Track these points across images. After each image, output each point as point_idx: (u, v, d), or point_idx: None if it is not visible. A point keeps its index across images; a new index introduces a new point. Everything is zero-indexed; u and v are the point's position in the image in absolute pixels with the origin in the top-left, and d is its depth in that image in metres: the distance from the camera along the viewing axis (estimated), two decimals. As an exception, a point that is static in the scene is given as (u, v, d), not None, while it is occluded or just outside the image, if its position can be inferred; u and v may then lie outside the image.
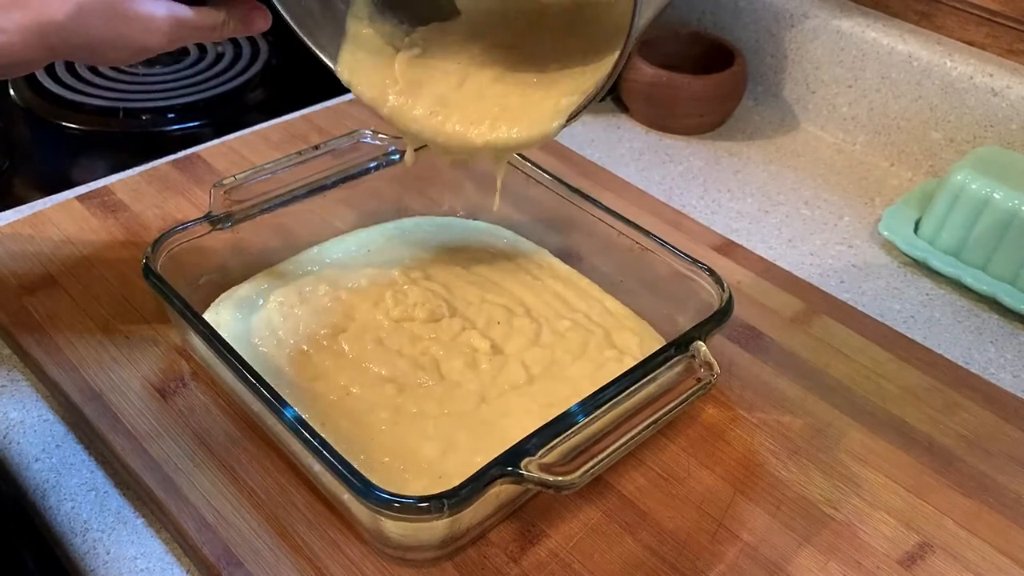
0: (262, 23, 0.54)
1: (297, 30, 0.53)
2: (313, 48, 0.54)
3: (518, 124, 0.52)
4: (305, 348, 0.56)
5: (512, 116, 0.52)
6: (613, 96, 0.90)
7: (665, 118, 0.86)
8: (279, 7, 0.52)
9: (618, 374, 0.49)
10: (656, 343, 0.58)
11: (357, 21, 0.56)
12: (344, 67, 0.55)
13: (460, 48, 0.56)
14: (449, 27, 0.58)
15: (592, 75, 0.52)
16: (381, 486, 0.41)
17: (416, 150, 0.60)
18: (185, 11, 0.49)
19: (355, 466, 0.42)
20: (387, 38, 0.56)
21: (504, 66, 0.55)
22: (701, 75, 0.84)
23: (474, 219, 0.70)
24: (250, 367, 0.47)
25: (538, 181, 0.64)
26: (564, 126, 0.51)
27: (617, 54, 0.46)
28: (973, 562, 0.49)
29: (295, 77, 0.93)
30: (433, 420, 0.52)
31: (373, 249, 0.65)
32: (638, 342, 0.58)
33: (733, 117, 0.89)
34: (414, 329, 0.58)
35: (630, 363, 0.54)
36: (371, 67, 0.55)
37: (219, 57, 0.96)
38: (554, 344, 0.58)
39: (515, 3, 0.58)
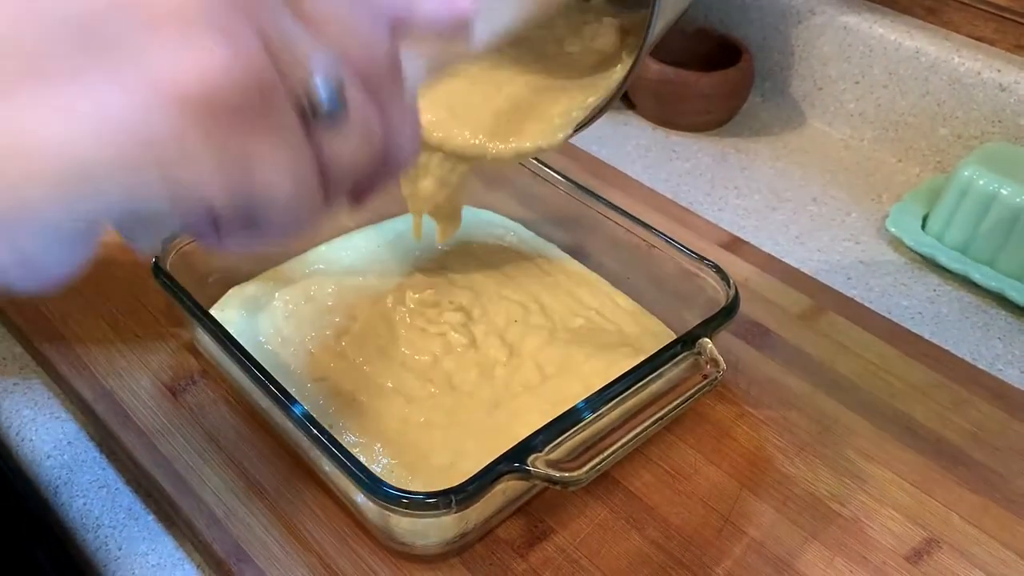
0: None
1: None
2: None
3: (525, 134, 0.52)
4: (311, 348, 0.56)
5: (519, 125, 0.52)
6: (620, 93, 0.90)
7: (672, 115, 0.87)
8: None
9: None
10: (669, 339, 0.58)
11: None
12: None
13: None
14: None
15: (600, 86, 0.52)
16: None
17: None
18: None
19: (363, 462, 0.42)
20: None
21: (512, 71, 0.55)
22: (708, 72, 0.84)
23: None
24: (259, 364, 0.47)
25: (544, 178, 0.64)
26: (570, 136, 0.51)
27: (628, 67, 0.46)
28: (980, 558, 0.49)
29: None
30: (442, 431, 0.52)
31: (383, 244, 0.66)
32: (651, 338, 0.58)
33: (740, 114, 0.89)
34: (427, 330, 0.58)
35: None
36: None
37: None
38: (568, 342, 0.58)
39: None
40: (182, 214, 0.23)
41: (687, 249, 0.57)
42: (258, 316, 0.58)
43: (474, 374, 0.55)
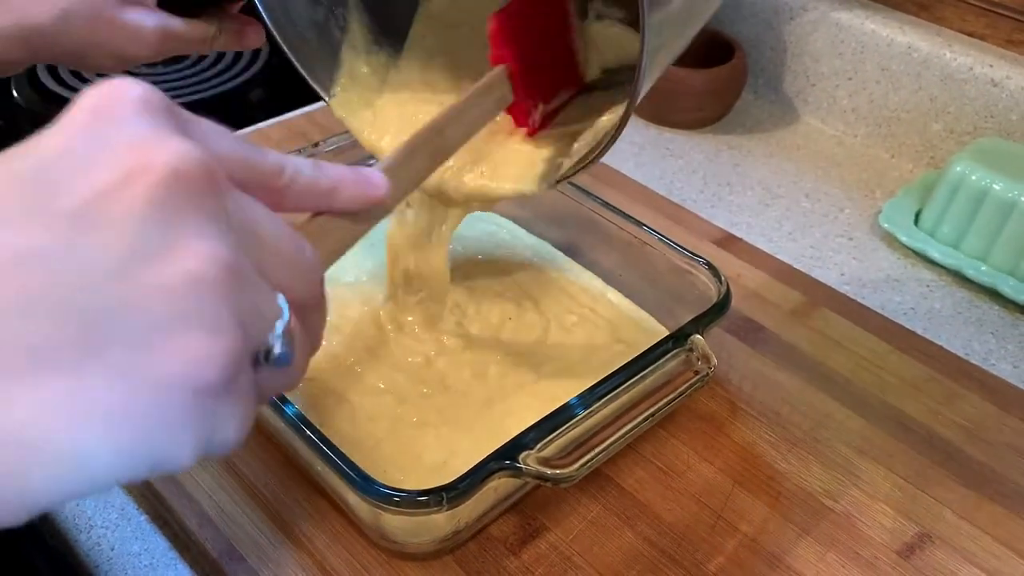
0: (255, 39, 0.53)
1: (292, 58, 0.52)
2: (308, 78, 0.53)
3: (504, 178, 0.50)
4: None
5: (500, 169, 0.50)
6: (613, 91, 0.90)
7: (665, 112, 0.87)
8: (274, 33, 0.51)
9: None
10: (661, 336, 0.58)
11: (353, 54, 0.54)
12: (338, 104, 0.53)
13: (450, 83, 0.55)
14: (436, 59, 0.56)
15: (585, 136, 0.50)
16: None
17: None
18: (176, 22, 0.48)
19: (355, 461, 0.42)
20: (381, 74, 0.55)
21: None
22: (701, 69, 0.84)
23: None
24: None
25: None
26: (554, 185, 0.49)
27: (617, 121, 0.44)
28: (972, 553, 0.49)
29: (295, 75, 0.93)
30: (435, 430, 0.52)
31: (375, 242, 0.65)
32: (644, 335, 0.58)
33: (733, 111, 0.89)
34: (419, 330, 0.58)
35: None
36: (365, 106, 0.54)
37: (220, 56, 0.96)
38: (562, 340, 0.58)
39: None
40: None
41: (679, 246, 0.57)
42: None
43: (468, 373, 0.55)
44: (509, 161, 0.51)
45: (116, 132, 0.24)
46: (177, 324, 0.23)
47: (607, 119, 0.49)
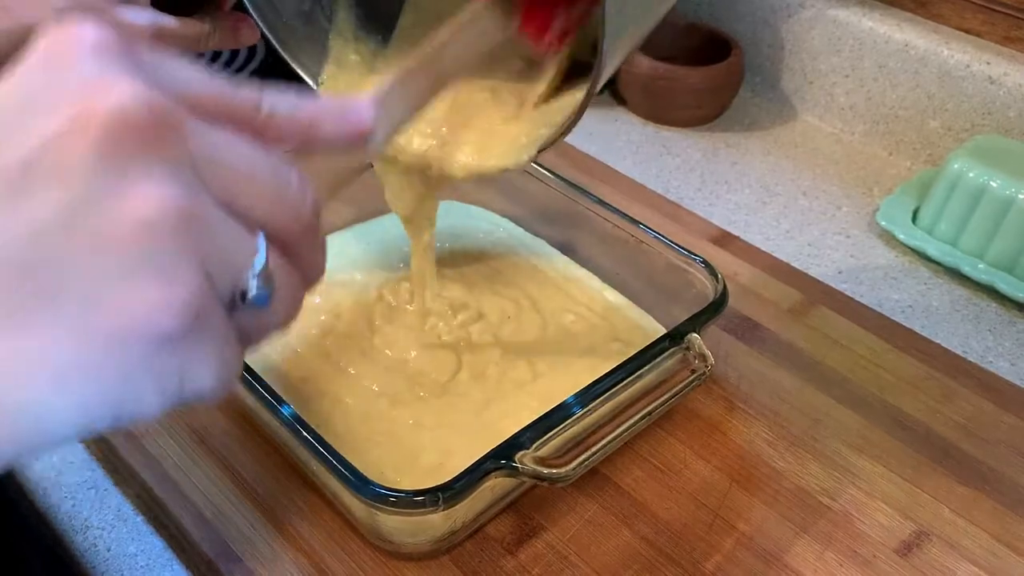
0: (249, 36, 0.53)
1: (278, 47, 0.52)
2: (295, 66, 0.53)
3: (493, 153, 0.50)
4: (297, 347, 0.56)
5: (488, 144, 0.50)
6: (610, 89, 0.90)
7: (662, 110, 0.86)
8: (259, 24, 0.51)
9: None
10: (658, 335, 0.58)
11: (341, 41, 0.54)
12: (326, 92, 0.53)
13: None
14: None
15: (562, 108, 0.50)
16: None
17: None
18: (169, 21, 0.48)
19: (350, 462, 0.42)
20: (369, 61, 0.55)
21: (475, 88, 0.53)
22: (698, 67, 0.84)
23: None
24: (246, 364, 0.47)
25: (534, 175, 0.64)
26: (534, 158, 0.49)
27: (584, 94, 0.44)
28: (970, 550, 0.49)
29: (290, 75, 0.93)
30: (431, 431, 0.52)
31: (372, 241, 0.66)
32: (641, 334, 0.58)
33: (730, 108, 0.89)
34: (417, 329, 0.58)
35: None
36: (353, 93, 0.53)
37: (216, 56, 0.96)
38: (559, 339, 0.58)
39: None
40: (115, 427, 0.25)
41: (676, 245, 0.57)
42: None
43: (466, 375, 0.55)
44: (494, 138, 0.50)
45: (66, 77, 0.23)
46: (128, 274, 0.22)
47: (580, 92, 0.49)
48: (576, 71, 0.53)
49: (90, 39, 0.24)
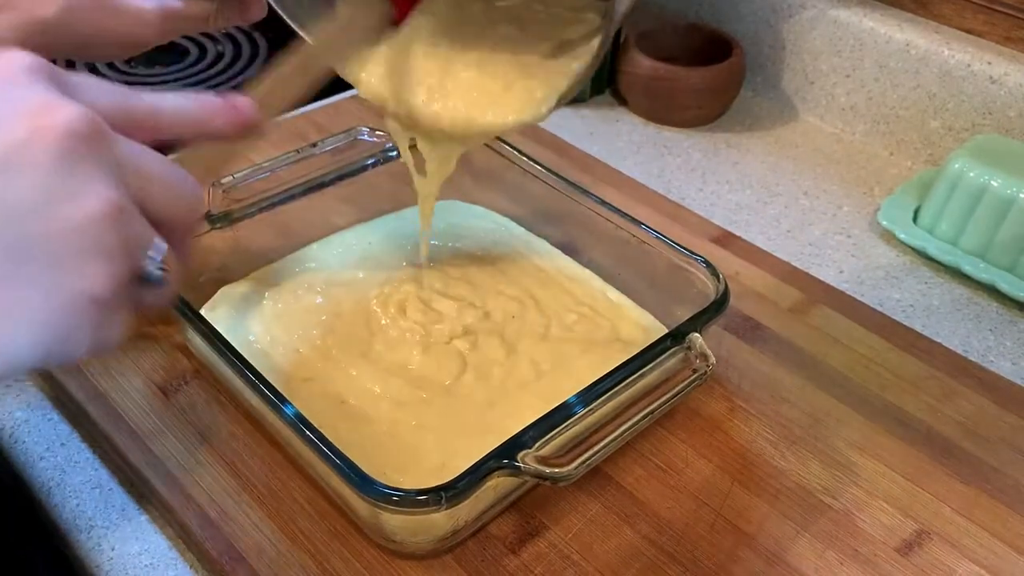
0: (256, 11, 0.53)
1: (285, 16, 0.52)
2: (304, 36, 0.52)
3: (512, 108, 0.51)
4: (299, 348, 0.56)
5: (506, 99, 0.51)
6: (611, 89, 0.90)
7: (663, 110, 0.87)
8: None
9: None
10: (661, 334, 0.58)
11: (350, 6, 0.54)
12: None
13: (444, 31, 0.54)
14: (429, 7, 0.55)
15: (577, 60, 0.50)
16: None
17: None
18: (174, 2, 0.49)
19: (353, 461, 0.43)
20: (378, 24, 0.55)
21: (489, 47, 0.53)
22: (699, 67, 0.84)
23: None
24: (249, 364, 0.47)
25: (535, 175, 0.64)
26: (554, 109, 0.50)
27: (598, 40, 0.45)
28: (971, 549, 0.49)
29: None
30: (434, 433, 0.52)
31: (375, 241, 0.66)
32: (644, 334, 0.58)
33: (731, 108, 0.89)
34: (421, 330, 0.58)
35: (637, 355, 0.54)
36: (368, 60, 0.53)
37: (219, 56, 0.97)
38: (563, 338, 0.58)
39: None
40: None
41: (677, 244, 0.58)
42: (248, 315, 0.58)
43: (471, 377, 0.55)
44: (515, 93, 0.51)
45: (16, 95, 0.30)
46: (80, 251, 0.30)
47: (594, 41, 0.49)
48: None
49: (26, 65, 0.31)
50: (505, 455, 0.43)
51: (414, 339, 0.57)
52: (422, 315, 0.59)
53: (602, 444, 0.45)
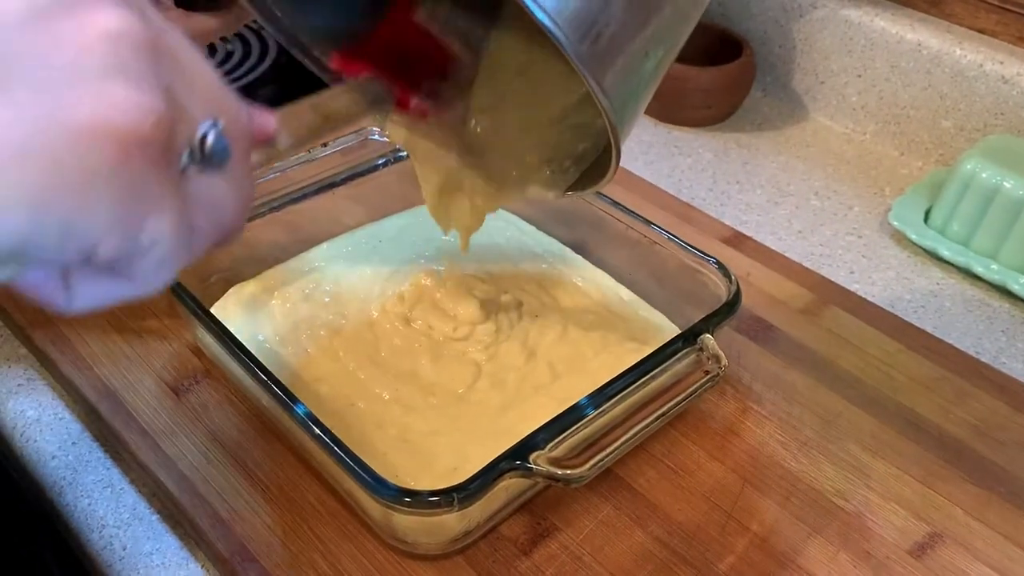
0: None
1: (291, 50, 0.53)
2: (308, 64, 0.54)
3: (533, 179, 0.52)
4: (308, 348, 0.56)
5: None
6: (621, 89, 0.90)
7: (673, 110, 0.86)
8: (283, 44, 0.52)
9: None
10: (673, 335, 0.58)
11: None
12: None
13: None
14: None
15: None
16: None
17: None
18: (198, 19, 0.49)
19: (366, 461, 0.43)
20: None
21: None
22: (709, 67, 0.84)
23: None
24: (260, 364, 0.47)
25: (546, 176, 0.64)
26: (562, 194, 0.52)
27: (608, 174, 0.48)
28: (983, 552, 0.49)
29: (304, 75, 0.94)
30: (447, 437, 0.51)
31: (384, 241, 0.66)
32: (657, 334, 0.58)
33: (742, 108, 0.89)
34: (436, 335, 0.58)
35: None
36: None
37: (228, 56, 0.97)
38: (578, 339, 0.58)
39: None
40: (58, 260, 0.24)
41: (689, 245, 0.57)
42: (258, 315, 0.58)
43: (486, 383, 0.55)
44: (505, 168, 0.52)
45: None
46: (92, 76, 0.23)
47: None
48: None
49: None
50: (517, 456, 0.43)
51: (425, 346, 0.57)
52: (435, 319, 0.59)
53: (614, 446, 0.45)
